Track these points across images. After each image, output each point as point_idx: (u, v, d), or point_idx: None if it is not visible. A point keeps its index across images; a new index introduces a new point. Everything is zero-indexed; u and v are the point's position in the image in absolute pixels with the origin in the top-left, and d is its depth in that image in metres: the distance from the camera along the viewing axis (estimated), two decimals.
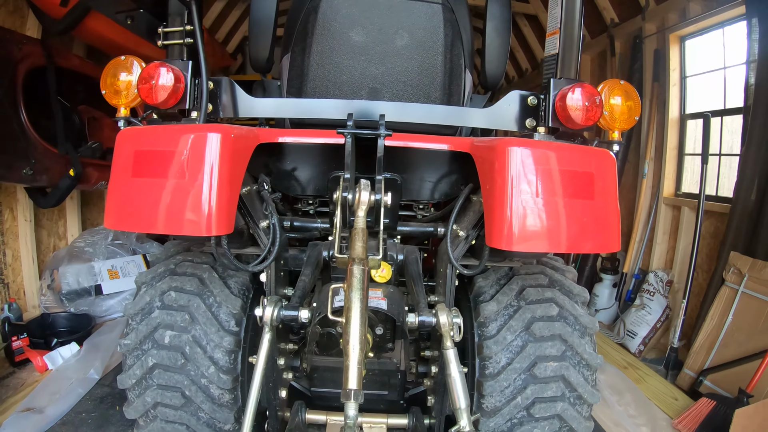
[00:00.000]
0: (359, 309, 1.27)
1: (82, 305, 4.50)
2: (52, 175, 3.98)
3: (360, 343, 1.23)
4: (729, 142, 4.53)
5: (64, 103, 4.37)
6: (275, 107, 2.04)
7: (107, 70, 1.79)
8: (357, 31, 2.15)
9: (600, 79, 5.96)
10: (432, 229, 2.20)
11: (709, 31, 4.67)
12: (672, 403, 3.69)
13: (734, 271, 3.80)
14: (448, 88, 2.21)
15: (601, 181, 1.59)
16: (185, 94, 1.73)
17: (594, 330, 2.09)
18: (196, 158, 1.50)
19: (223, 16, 7.46)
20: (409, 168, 2.08)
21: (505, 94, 1.89)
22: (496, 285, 2.17)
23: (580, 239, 1.55)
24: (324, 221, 2.21)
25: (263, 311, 1.68)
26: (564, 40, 1.77)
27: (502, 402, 2.00)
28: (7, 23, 4.00)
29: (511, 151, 1.49)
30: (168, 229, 1.53)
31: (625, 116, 1.79)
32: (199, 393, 2.05)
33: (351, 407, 1.20)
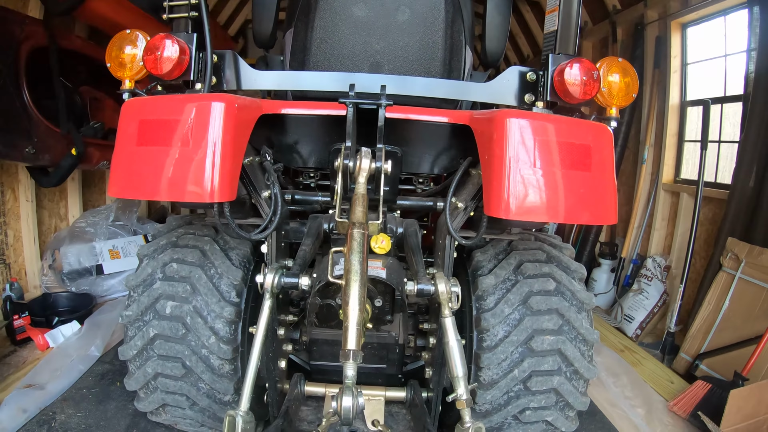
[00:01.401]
0: (359, 271, 1.30)
1: (84, 285, 4.53)
2: (54, 154, 3.99)
3: (359, 304, 1.25)
4: (728, 130, 4.54)
5: (67, 84, 4.37)
6: (278, 79, 2.06)
7: (113, 43, 1.81)
8: (359, 6, 2.16)
9: None
10: (431, 203, 2.23)
11: (710, 18, 4.66)
12: (668, 385, 3.72)
13: (731, 257, 3.82)
14: (448, 63, 2.23)
15: (598, 153, 1.61)
16: (190, 66, 1.75)
17: (591, 306, 2.12)
18: (200, 127, 1.52)
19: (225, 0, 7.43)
20: (410, 141, 2.10)
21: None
22: (494, 259, 2.20)
23: (577, 210, 1.58)
24: (325, 194, 2.23)
25: (264, 278, 1.71)
26: (562, 17, 1.79)
27: (499, 375, 2.03)
28: (9, 4, 3.98)
29: (510, 122, 1.51)
30: (171, 196, 1.55)
31: (623, 93, 1.80)
32: (199, 363, 2.08)
33: (350, 368, 1.23)
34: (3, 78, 3.54)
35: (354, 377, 1.23)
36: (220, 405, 2.18)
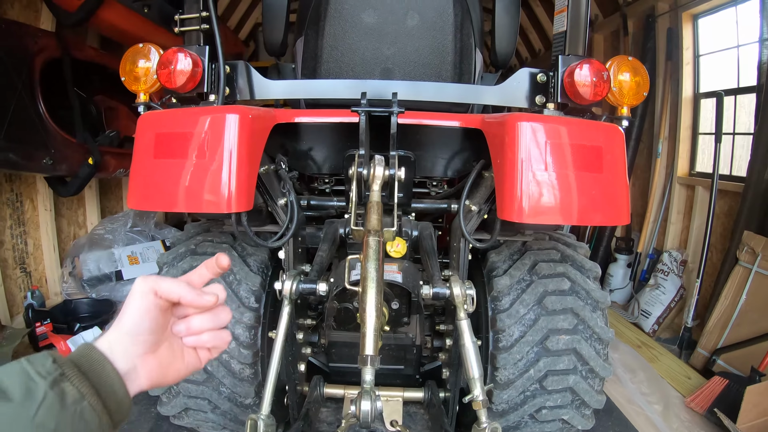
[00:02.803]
0: (375, 278, 1.32)
1: (104, 291, 4.59)
2: (72, 164, 4.06)
3: (376, 311, 1.27)
4: (743, 121, 4.50)
5: (81, 94, 4.45)
6: (290, 89, 2.09)
7: (126, 57, 1.83)
8: (368, 12, 2.18)
9: None
10: (445, 206, 2.24)
11: (722, 8, 4.61)
12: (685, 381, 3.71)
13: (748, 251, 3.78)
14: (458, 66, 2.24)
15: (610, 154, 1.61)
16: (203, 78, 1.78)
17: (606, 305, 2.12)
18: (215, 138, 1.55)
19: (235, 4, 7.49)
20: (422, 145, 2.12)
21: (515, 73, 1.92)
22: (508, 260, 2.21)
23: (590, 211, 1.59)
24: (340, 199, 2.25)
25: (282, 285, 1.74)
26: (571, 17, 1.79)
27: (515, 374, 2.05)
28: (21, 18, 4.06)
29: (521, 125, 1.52)
30: (190, 207, 1.58)
31: (634, 92, 1.80)
32: (220, 368, 2.12)
33: (368, 372, 1.24)
34: (19, 91, 3.61)
35: (372, 382, 1.25)
36: (241, 408, 2.22)
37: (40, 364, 0.67)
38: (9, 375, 0.65)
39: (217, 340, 0.89)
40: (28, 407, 0.63)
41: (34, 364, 0.67)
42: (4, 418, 0.62)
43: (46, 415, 0.63)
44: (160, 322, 0.81)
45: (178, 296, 0.80)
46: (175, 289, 0.80)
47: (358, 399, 1.23)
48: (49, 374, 0.66)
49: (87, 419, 0.68)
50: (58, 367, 0.68)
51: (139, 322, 0.78)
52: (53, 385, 0.66)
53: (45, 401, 0.64)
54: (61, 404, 0.65)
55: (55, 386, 0.66)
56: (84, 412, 0.67)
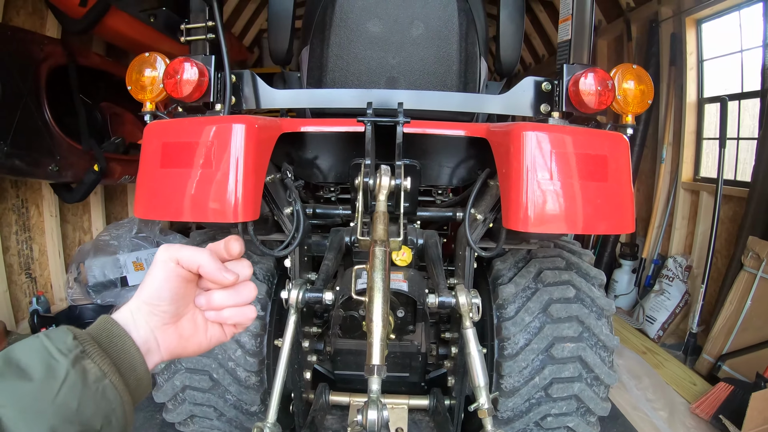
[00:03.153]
0: (381, 288, 1.32)
1: (109, 297, 4.61)
2: (77, 170, 4.08)
3: (383, 320, 1.28)
4: (747, 126, 4.49)
5: (86, 101, 4.48)
6: (296, 98, 2.10)
7: (132, 66, 1.84)
8: (374, 22, 2.19)
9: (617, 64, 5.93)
10: (451, 214, 2.24)
11: (725, 13, 4.60)
12: (690, 387, 3.69)
13: (753, 256, 3.77)
14: (464, 75, 2.25)
15: (615, 163, 1.62)
16: (209, 88, 1.79)
17: (611, 312, 2.12)
18: (222, 148, 1.55)
19: (239, 10, 7.51)
20: (428, 154, 2.12)
21: (520, 81, 1.93)
22: (514, 268, 2.22)
23: (595, 220, 1.59)
24: (345, 208, 2.26)
25: (289, 294, 1.74)
26: (576, 26, 1.80)
27: (521, 382, 2.05)
28: (27, 24, 4.09)
29: (526, 135, 1.53)
30: (196, 217, 1.59)
31: (638, 100, 1.81)
32: (226, 376, 2.12)
33: (374, 382, 1.25)
34: (25, 98, 3.63)
35: (379, 391, 1.25)
36: (246, 416, 2.22)
37: (60, 340, 0.65)
38: (29, 352, 0.64)
39: (240, 317, 0.85)
40: (50, 386, 0.62)
41: (54, 340, 0.65)
42: (26, 397, 0.60)
43: (68, 395, 0.62)
44: (182, 293, 0.79)
45: (198, 266, 0.77)
46: (196, 259, 0.77)
47: (365, 408, 1.23)
48: (70, 351, 0.64)
49: (109, 398, 0.66)
50: (79, 343, 0.66)
51: (159, 291, 0.77)
52: (75, 362, 0.64)
53: (67, 380, 0.63)
54: (83, 383, 0.64)
55: (76, 364, 0.64)
56: (106, 391, 0.66)
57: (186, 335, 0.82)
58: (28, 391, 0.61)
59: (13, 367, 0.62)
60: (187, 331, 0.82)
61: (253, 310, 0.86)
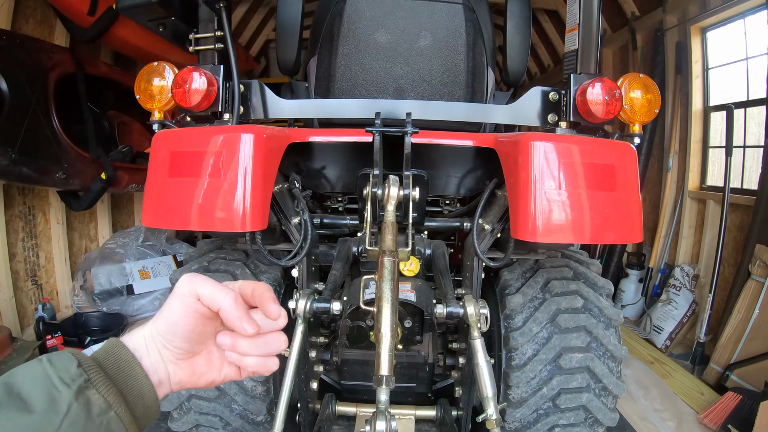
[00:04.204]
0: (390, 298, 1.31)
1: (114, 305, 4.63)
2: (85, 178, 4.11)
3: (391, 331, 1.27)
4: (753, 134, 4.48)
5: (94, 109, 4.51)
6: (304, 108, 2.10)
7: (141, 75, 1.85)
8: (381, 32, 2.20)
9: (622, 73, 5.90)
10: (458, 224, 2.24)
11: (730, 21, 4.61)
12: (698, 397, 3.67)
13: (760, 264, 3.75)
14: (471, 86, 2.25)
15: (623, 172, 1.61)
16: (217, 97, 1.80)
17: (619, 322, 2.11)
18: (230, 158, 1.56)
19: (246, 20, 7.56)
20: (436, 164, 2.12)
21: (527, 90, 1.93)
22: (521, 278, 2.21)
23: (603, 230, 1.58)
24: (353, 218, 2.26)
25: (296, 304, 1.74)
26: (583, 35, 1.80)
27: (528, 393, 2.03)
28: (36, 32, 4.13)
29: (534, 145, 1.53)
30: (204, 226, 1.59)
31: (645, 109, 1.80)
32: (232, 385, 2.12)
33: (383, 393, 1.24)
34: (33, 106, 3.66)
35: (387, 402, 1.24)
36: (252, 425, 2.21)
37: (63, 368, 0.62)
38: (30, 380, 0.61)
39: (262, 368, 0.79)
40: (51, 420, 0.59)
41: (57, 368, 0.62)
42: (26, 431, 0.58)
43: (69, 429, 0.59)
44: (199, 330, 0.74)
45: (219, 307, 0.72)
46: (218, 299, 0.72)
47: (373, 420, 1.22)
48: (74, 381, 0.62)
49: (113, 430, 0.64)
50: (83, 371, 0.63)
51: (175, 326, 0.72)
52: (78, 394, 0.61)
53: (69, 413, 0.60)
54: (87, 416, 0.61)
55: (80, 396, 0.61)
56: (111, 424, 0.63)
57: (199, 372, 0.78)
58: (28, 424, 0.58)
59: (14, 397, 0.60)
60: (201, 368, 0.78)
61: (277, 362, 0.80)
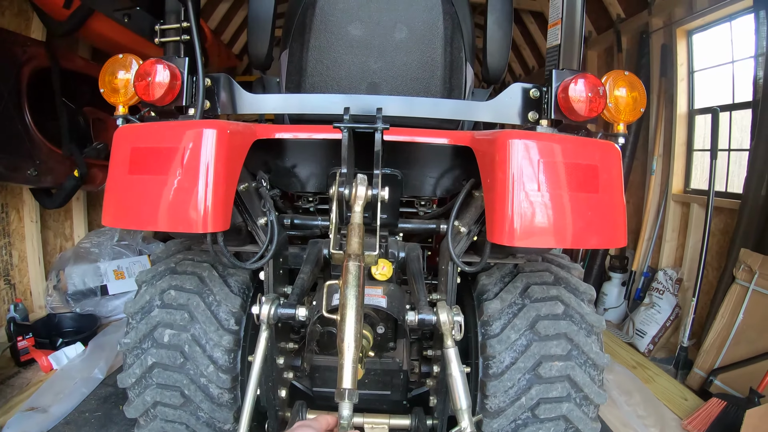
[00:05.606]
0: (354, 306, 1.24)
1: (88, 305, 4.54)
2: (57, 175, 4.02)
3: (355, 341, 1.19)
4: (738, 137, 4.49)
5: (69, 105, 4.42)
6: (273, 103, 2.02)
7: (105, 68, 1.77)
8: (355, 25, 2.12)
9: None
10: (434, 226, 2.17)
11: (716, 24, 4.63)
12: (682, 403, 3.64)
13: (744, 268, 3.75)
14: (448, 81, 2.18)
15: (606, 173, 1.55)
16: (182, 91, 1.71)
17: (601, 329, 2.05)
18: (191, 154, 1.47)
19: (229, 18, 7.49)
20: (410, 163, 2.04)
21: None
22: (500, 283, 2.14)
23: (585, 234, 1.51)
24: (324, 219, 2.18)
25: (260, 309, 1.66)
26: (566, 30, 1.73)
27: (506, 403, 1.96)
28: (11, 25, 4.04)
29: (512, 143, 1.45)
30: (164, 226, 1.51)
31: (630, 108, 1.74)
32: (198, 392, 2.04)
33: (345, 407, 1.16)
34: (5, 101, 3.57)
35: (350, 417, 1.17)
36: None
37: None
38: None
39: None
40: None
41: None
42: None
43: None
44: None
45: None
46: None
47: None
48: None
49: None
50: None
51: None
52: None
53: None
54: None
55: None
56: None
57: None
58: None
59: None
60: None
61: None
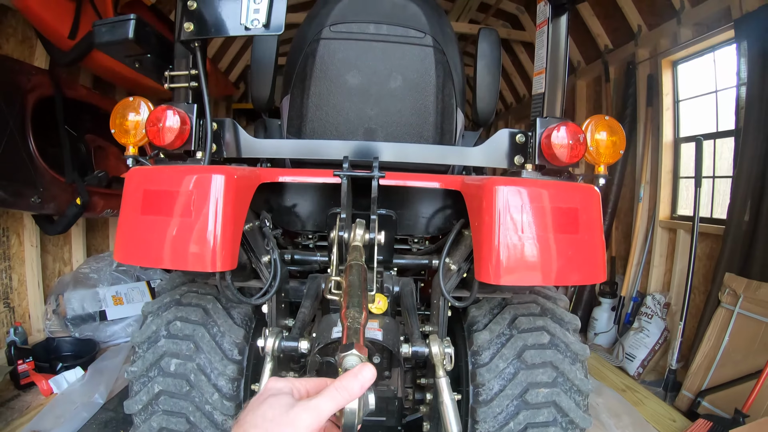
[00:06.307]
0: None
1: (87, 330, 4.57)
2: (59, 203, 4.07)
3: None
4: (722, 165, 4.61)
5: (71, 133, 4.48)
6: (276, 148, 2.13)
7: (116, 110, 1.86)
8: (353, 73, 2.23)
9: (596, 105, 6.11)
10: (427, 262, 2.27)
11: (700, 55, 4.78)
12: (670, 424, 3.71)
13: (729, 292, 3.84)
14: (440, 126, 2.30)
15: (586, 215, 1.66)
16: (191, 136, 1.81)
17: (585, 356, 2.14)
18: (201, 198, 1.57)
19: (226, 46, 7.62)
20: (405, 204, 2.15)
21: (499, 122, 1.97)
22: (489, 314, 2.23)
23: (566, 272, 1.62)
24: (323, 254, 2.28)
25: (265, 342, 1.75)
26: (549, 79, 1.85)
27: (495, 427, 2.04)
28: (16, 52, 4.13)
29: (498, 190, 1.56)
30: (174, 265, 1.60)
31: (610, 151, 1.85)
32: (203, 419, 2.11)
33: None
34: (10, 128, 3.63)
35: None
36: None
37: None
38: None
39: None
40: None
41: None
42: None
43: None
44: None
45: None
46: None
47: None
48: None
49: None
50: None
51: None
52: None
53: None
54: None
55: None
56: None
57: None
58: None
59: None
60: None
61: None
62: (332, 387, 0.76)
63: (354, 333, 1.03)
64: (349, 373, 0.78)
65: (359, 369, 0.79)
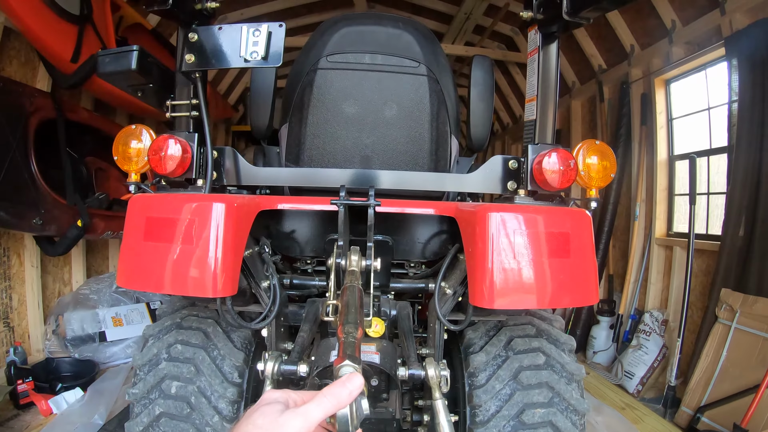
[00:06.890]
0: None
1: (86, 351, 4.57)
2: (61, 224, 4.10)
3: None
4: (716, 181, 4.67)
5: (73, 155, 4.53)
6: (274, 176, 2.18)
7: (119, 138, 1.90)
8: (349, 103, 2.28)
9: (591, 124, 6.18)
10: (423, 285, 2.31)
11: (692, 73, 4.87)
12: None
13: (726, 308, 3.87)
14: (435, 154, 2.34)
15: (578, 239, 1.70)
16: (192, 164, 1.85)
17: (581, 377, 2.16)
18: (202, 225, 1.62)
19: (225, 69, 7.64)
20: (401, 230, 2.20)
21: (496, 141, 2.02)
22: (485, 336, 2.26)
23: (559, 295, 1.66)
24: (321, 279, 2.31)
25: (265, 366, 1.78)
26: (541, 106, 1.90)
27: None
28: (18, 74, 4.18)
29: (491, 216, 1.61)
30: (176, 290, 1.63)
31: (601, 175, 1.89)
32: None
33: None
34: (13, 150, 3.67)
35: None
36: None
37: None
38: None
39: None
40: None
41: None
42: None
43: None
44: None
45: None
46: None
47: None
48: None
49: None
50: None
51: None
52: None
53: None
54: None
55: None
56: None
57: None
58: None
59: None
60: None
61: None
62: (321, 394, 0.80)
63: (349, 346, 1.06)
64: (338, 382, 0.82)
65: (348, 377, 0.83)
